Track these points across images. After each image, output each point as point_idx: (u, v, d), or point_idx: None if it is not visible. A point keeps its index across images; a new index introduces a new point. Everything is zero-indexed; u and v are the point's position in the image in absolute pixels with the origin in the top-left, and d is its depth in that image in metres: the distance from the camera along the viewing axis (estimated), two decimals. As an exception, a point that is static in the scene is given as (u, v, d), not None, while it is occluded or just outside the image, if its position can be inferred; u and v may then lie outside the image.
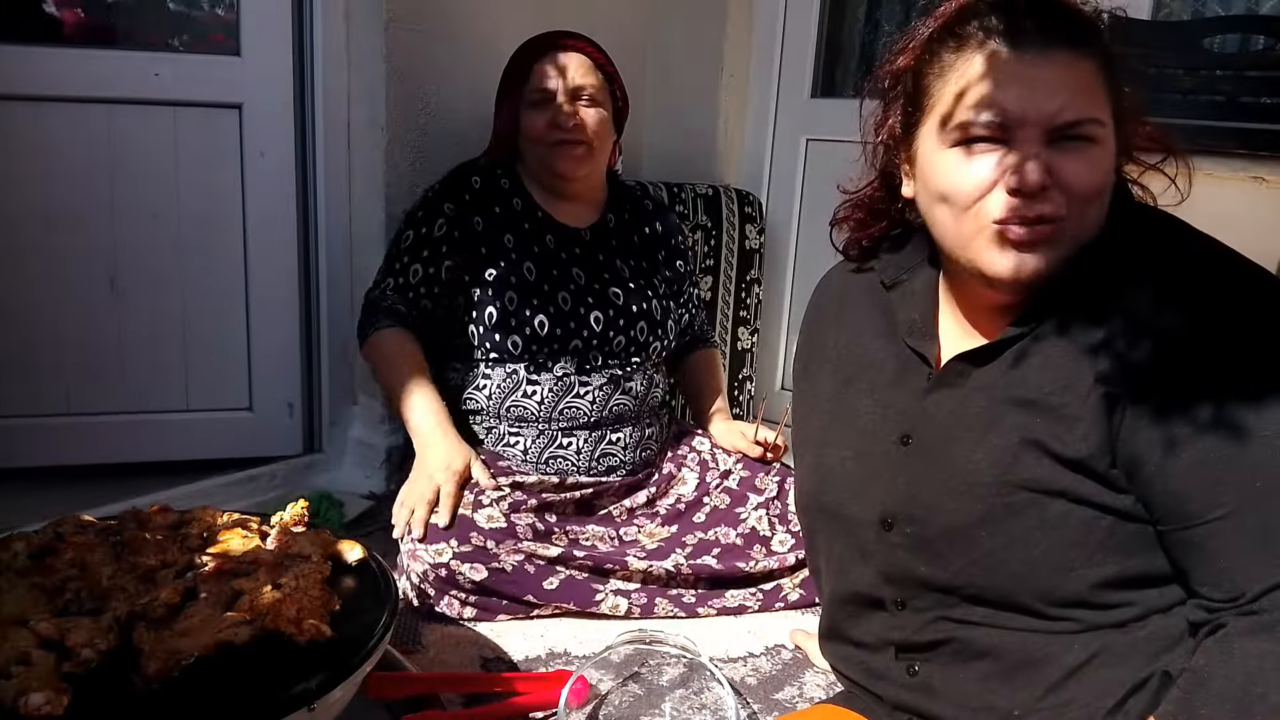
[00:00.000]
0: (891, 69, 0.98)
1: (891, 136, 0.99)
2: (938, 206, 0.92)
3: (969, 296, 0.99)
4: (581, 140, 1.73)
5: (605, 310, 1.75)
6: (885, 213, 1.06)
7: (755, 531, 1.69)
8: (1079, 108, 0.85)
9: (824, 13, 2.46)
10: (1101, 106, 0.87)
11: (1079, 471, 0.86)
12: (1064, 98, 0.84)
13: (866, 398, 1.04)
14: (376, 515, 1.95)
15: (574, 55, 1.76)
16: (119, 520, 1.16)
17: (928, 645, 0.98)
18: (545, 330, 1.69)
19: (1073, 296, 0.89)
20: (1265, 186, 1.77)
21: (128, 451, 1.94)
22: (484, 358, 1.74)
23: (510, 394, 1.71)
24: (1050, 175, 0.84)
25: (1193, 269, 0.86)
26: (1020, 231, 0.86)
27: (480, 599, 1.52)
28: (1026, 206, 0.85)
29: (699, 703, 1.34)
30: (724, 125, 2.53)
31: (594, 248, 1.82)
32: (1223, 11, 1.96)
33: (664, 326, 1.83)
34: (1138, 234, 0.90)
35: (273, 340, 2.04)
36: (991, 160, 0.87)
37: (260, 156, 1.94)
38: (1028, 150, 0.85)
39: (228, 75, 1.90)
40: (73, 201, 1.80)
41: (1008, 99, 0.85)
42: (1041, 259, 0.87)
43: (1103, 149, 0.87)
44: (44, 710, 0.83)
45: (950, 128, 0.89)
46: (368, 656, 0.99)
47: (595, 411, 1.72)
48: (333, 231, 2.03)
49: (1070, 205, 0.86)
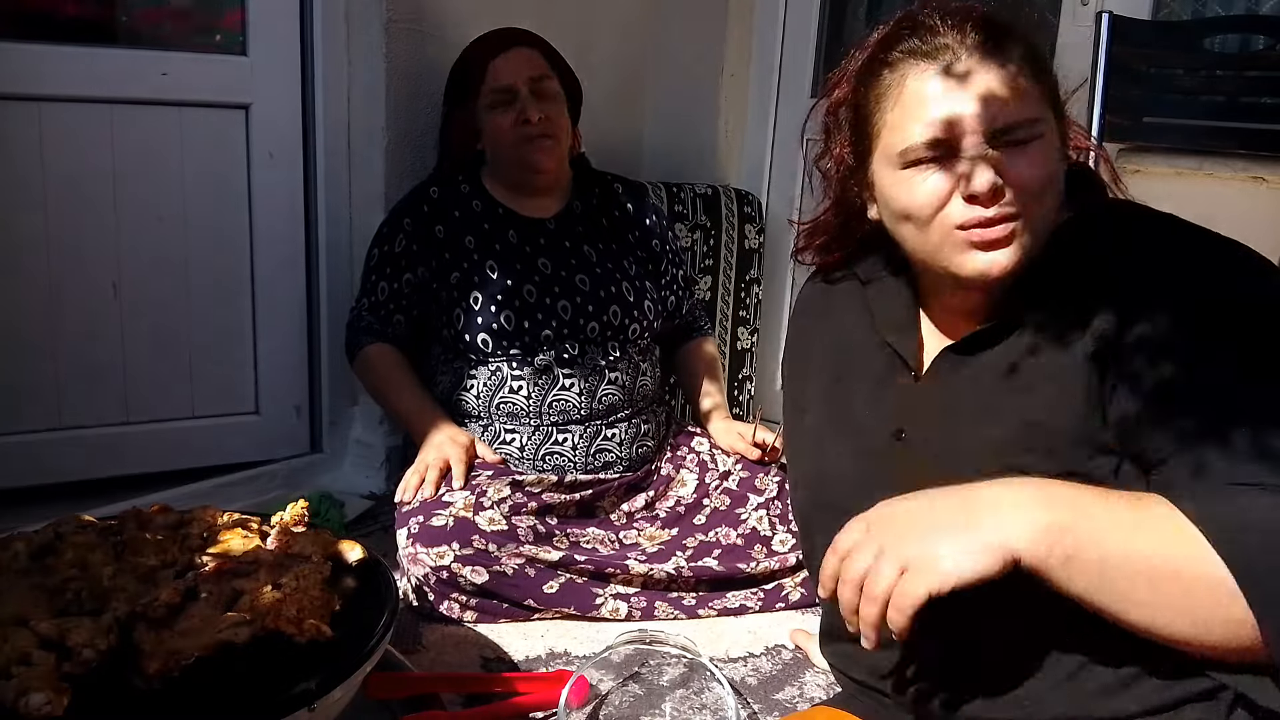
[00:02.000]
0: (831, 101, 1.02)
1: (845, 166, 1.03)
2: (902, 225, 0.96)
3: (946, 297, 1.01)
4: (548, 134, 1.75)
5: (573, 298, 1.76)
6: (852, 233, 1.09)
7: (756, 532, 1.69)
8: (1014, 112, 0.88)
9: (824, 13, 2.46)
10: (1036, 104, 0.90)
11: (1081, 445, 0.87)
12: (996, 105, 0.88)
13: (857, 394, 1.06)
14: (376, 515, 1.95)
15: (525, 50, 1.78)
16: (119, 520, 1.16)
17: (934, 649, 0.97)
18: (512, 325, 1.71)
19: (1046, 280, 0.92)
20: (1265, 186, 1.77)
21: (131, 463, 1.90)
22: (463, 360, 1.75)
23: (497, 391, 1.72)
24: (1001, 176, 0.88)
25: (1148, 230, 0.91)
26: (985, 233, 0.90)
27: (481, 602, 1.52)
28: (984, 210, 0.89)
29: (699, 703, 1.34)
30: (724, 125, 2.53)
31: (559, 236, 1.83)
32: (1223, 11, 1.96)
33: (639, 308, 1.82)
34: (1094, 217, 0.94)
35: (280, 342, 2.03)
36: (943, 174, 0.90)
37: (269, 157, 1.94)
38: (974, 157, 0.88)
39: (235, 75, 1.89)
40: (75, 205, 1.77)
41: (945, 118, 0.89)
42: (1009, 255, 0.90)
43: (1045, 142, 0.90)
44: (44, 710, 0.83)
45: (896, 153, 0.92)
46: (368, 656, 0.99)
47: (585, 404, 1.73)
48: (333, 231, 2.03)
49: (1024, 201, 0.89)
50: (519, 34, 1.82)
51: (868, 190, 1.00)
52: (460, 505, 1.54)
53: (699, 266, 2.33)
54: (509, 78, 1.75)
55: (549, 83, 1.77)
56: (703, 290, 2.34)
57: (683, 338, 2.03)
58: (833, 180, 1.06)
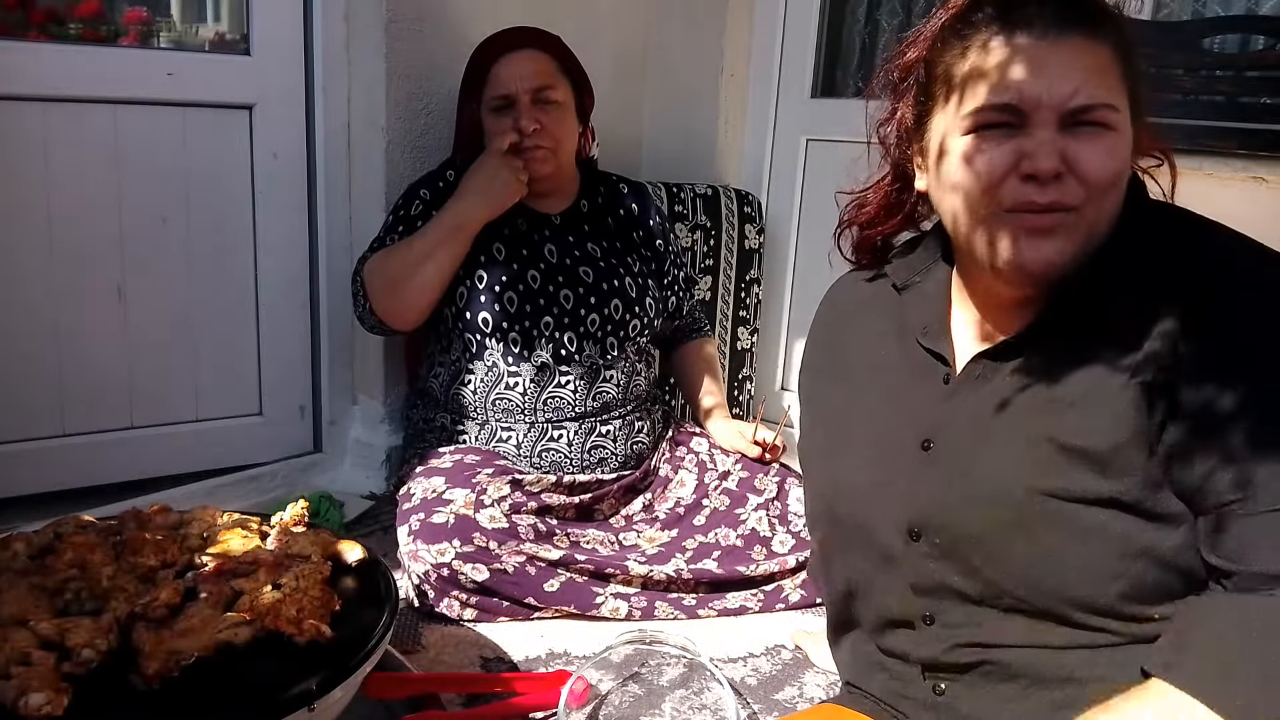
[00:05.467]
0: (902, 62, 0.97)
1: (903, 128, 0.98)
2: (950, 196, 0.90)
3: (984, 294, 0.96)
4: (542, 145, 1.74)
5: (576, 289, 1.76)
6: (900, 207, 1.04)
7: (756, 533, 1.69)
8: (1094, 92, 0.83)
9: (824, 13, 2.46)
10: (1118, 93, 0.85)
11: (1114, 473, 0.83)
12: (1078, 81, 0.83)
13: (881, 403, 1.01)
14: (377, 515, 1.95)
15: (531, 54, 1.76)
16: (119, 520, 1.16)
17: (958, 667, 0.94)
18: (514, 307, 1.71)
19: (1093, 289, 0.87)
20: (1265, 186, 1.76)
21: (135, 468, 1.89)
22: (461, 352, 1.75)
23: (493, 387, 1.73)
24: (1066, 162, 0.83)
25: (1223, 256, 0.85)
26: (1033, 219, 0.85)
27: (481, 600, 1.52)
28: (1040, 193, 0.84)
29: (699, 703, 1.34)
30: (724, 125, 2.53)
31: (565, 231, 1.83)
32: (1223, 11, 1.96)
33: (641, 304, 1.82)
34: (1155, 226, 0.88)
35: (283, 343, 2.03)
36: (1006, 147, 0.85)
37: (273, 158, 1.94)
38: (1042, 135, 0.83)
39: (239, 75, 1.89)
40: (79, 207, 1.76)
41: (1021, 83, 0.84)
42: (1054, 249, 0.85)
43: (1119, 136, 0.85)
44: (44, 710, 0.83)
45: (963, 114, 0.87)
46: (368, 656, 0.99)
47: (580, 401, 1.73)
48: (333, 232, 2.03)
49: (1086, 193, 0.84)
50: (529, 36, 1.79)
51: (920, 156, 0.96)
52: (461, 503, 1.55)
53: (699, 267, 2.33)
54: (509, 86, 1.74)
55: (551, 91, 1.75)
56: (703, 290, 2.34)
57: (683, 338, 2.03)
58: (891, 147, 1.01)
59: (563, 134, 1.78)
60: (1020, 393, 0.90)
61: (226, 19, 1.98)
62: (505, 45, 1.77)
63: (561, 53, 1.81)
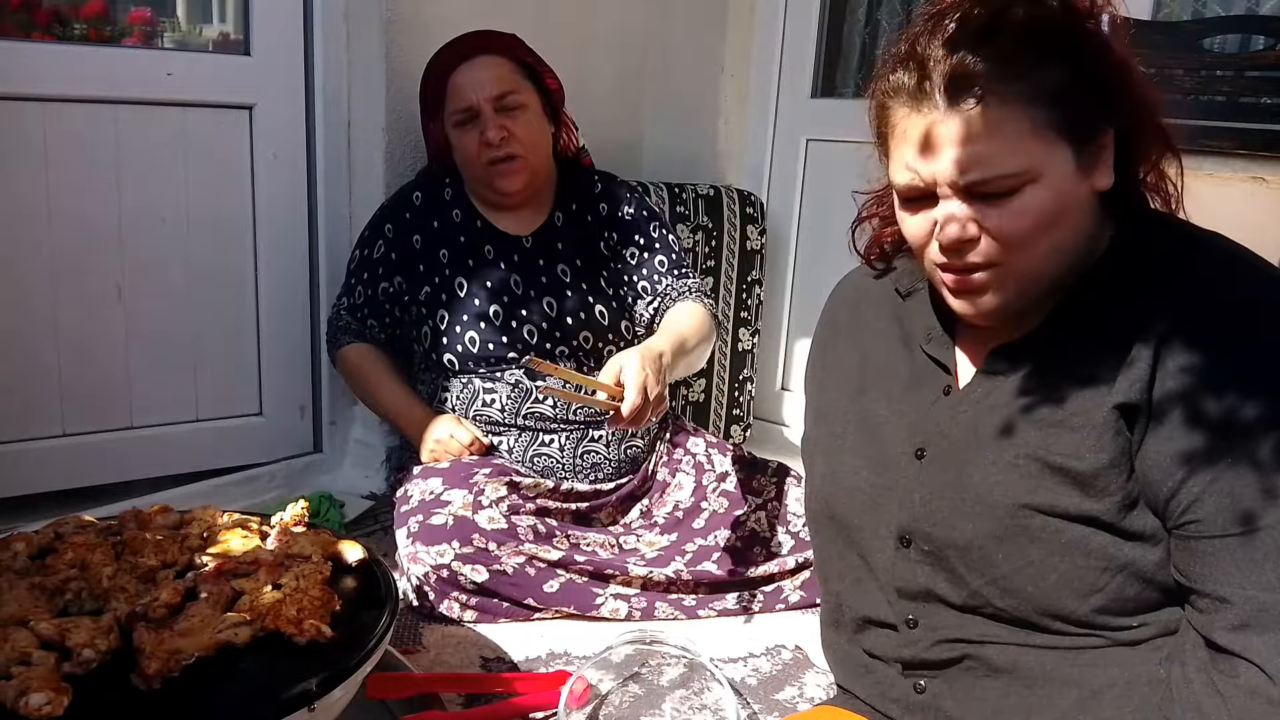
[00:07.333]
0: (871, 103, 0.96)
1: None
2: None
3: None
4: (514, 154, 1.70)
5: (540, 324, 1.73)
6: None
7: (755, 534, 1.69)
8: (988, 165, 0.82)
9: (824, 13, 2.46)
10: (1027, 150, 0.82)
11: (1095, 493, 0.85)
12: (969, 159, 0.83)
13: (882, 407, 1.03)
14: (377, 515, 1.95)
15: (486, 60, 1.71)
16: (119, 520, 1.16)
17: (938, 663, 0.96)
18: (477, 346, 1.70)
19: (1088, 309, 0.88)
20: (1265, 186, 1.77)
21: (135, 469, 1.90)
22: (438, 369, 1.76)
23: (471, 403, 1.73)
24: (978, 225, 0.85)
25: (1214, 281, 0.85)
26: (960, 279, 0.89)
27: (481, 601, 1.52)
28: (957, 257, 0.87)
29: (699, 703, 1.34)
30: (724, 125, 2.53)
31: (535, 255, 1.78)
32: (1223, 11, 1.96)
33: (614, 330, 1.78)
34: (1148, 243, 0.89)
35: (284, 343, 2.04)
36: (919, 217, 0.90)
37: (273, 159, 1.94)
38: (950, 207, 0.86)
39: (239, 75, 1.89)
40: (78, 207, 1.76)
41: (919, 166, 0.86)
42: (988, 301, 0.89)
43: (1032, 191, 0.83)
44: (44, 710, 0.83)
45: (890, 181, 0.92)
46: (368, 657, 0.99)
47: (563, 414, 1.71)
48: (333, 232, 2.03)
49: (1004, 250, 0.86)
50: (481, 41, 1.73)
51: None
52: (459, 504, 1.54)
53: (700, 267, 2.33)
54: (470, 97, 1.69)
55: (513, 95, 1.70)
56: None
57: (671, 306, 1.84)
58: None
59: (532, 137, 1.73)
60: (1014, 408, 0.92)
61: (232, 19, 1.98)
62: (460, 55, 1.72)
63: (518, 54, 1.75)
